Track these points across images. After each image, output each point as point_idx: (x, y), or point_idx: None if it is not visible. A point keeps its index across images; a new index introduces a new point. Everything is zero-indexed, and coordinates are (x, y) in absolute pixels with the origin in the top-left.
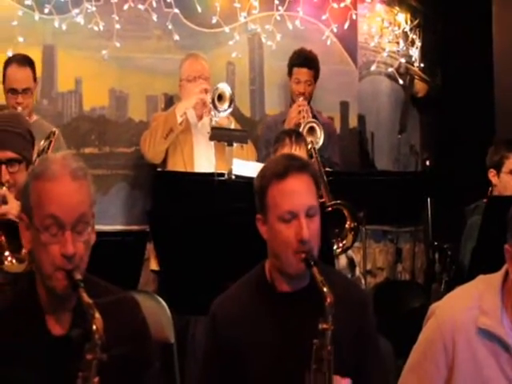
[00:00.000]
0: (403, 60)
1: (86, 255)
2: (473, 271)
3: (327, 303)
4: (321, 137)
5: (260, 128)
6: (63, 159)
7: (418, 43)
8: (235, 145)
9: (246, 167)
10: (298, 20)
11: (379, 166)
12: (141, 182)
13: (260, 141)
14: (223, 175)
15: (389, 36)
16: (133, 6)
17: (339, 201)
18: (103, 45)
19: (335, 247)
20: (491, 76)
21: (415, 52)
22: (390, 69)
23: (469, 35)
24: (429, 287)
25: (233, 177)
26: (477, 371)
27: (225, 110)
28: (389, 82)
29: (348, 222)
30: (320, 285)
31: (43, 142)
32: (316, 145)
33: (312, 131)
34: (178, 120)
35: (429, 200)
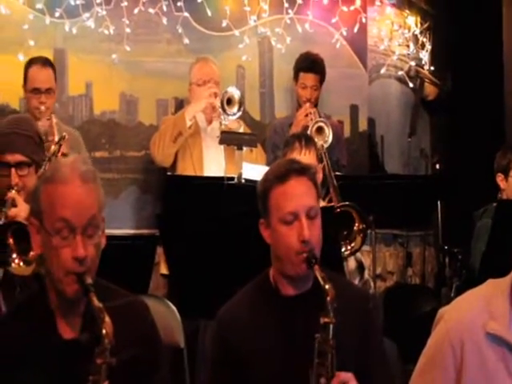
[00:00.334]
0: (413, 63)
1: (97, 259)
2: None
3: (329, 299)
4: (329, 135)
5: (267, 131)
6: (73, 163)
7: (428, 46)
8: (245, 148)
9: (256, 171)
10: (308, 23)
11: (389, 170)
12: (151, 186)
13: (267, 144)
14: (233, 179)
15: (399, 39)
16: (143, 10)
17: (347, 202)
18: (113, 48)
19: (344, 249)
20: (501, 79)
21: (425, 55)
22: (400, 72)
23: (479, 38)
24: (439, 291)
25: (242, 180)
26: (485, 376)
27: (234, 114)
28: (399, 85)
29: (357, 224)
30: (321, 281)
31: (54, 146)
32: (325, 144)
33: (320, 131)
34: (188, 124)
35: (439, 204)
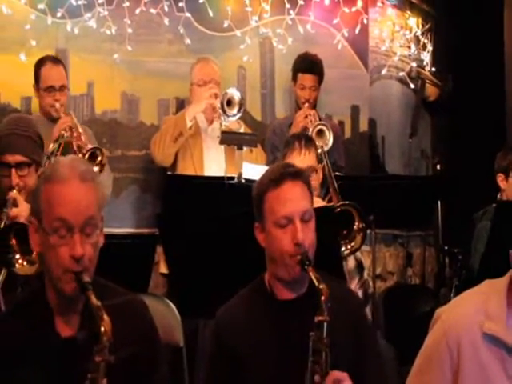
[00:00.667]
0: (414, 64)
1: (95, 257)
2: (482, 276)
3: (323, 298)
4: (330, 138)
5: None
6: (72, 162)
7: (430, 47)
8: (245, 148)
9: (256, 171)
10: (309, 24)
11: (390, 170)
12: (151, 186)
13: (266, 145)
14: (233, 179)
15: (400, 40)
16: (145, 10)
17: (347, 202)
18: (115, 48)
19: (343, 249)
20: (502, 80)
21: (426, 56)
22: (401, 73)
23: (480, 40)
24: (439, 292)
25: (243, 180)
26: (482, 376)
27: (234, 115)
28: (400, 86)
29: (356, 224)
30: (315, 281)
31: (52, 145)
32: (326, 147)
33: (321, 133)
34: (188, 124)
35: (439, 204)
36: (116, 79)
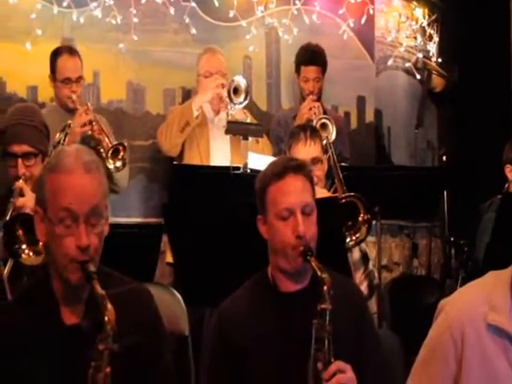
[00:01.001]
0: (420, 55)
1: (100, 247)
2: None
3: (325, 287)
4: (333, 132)
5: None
6: (77, 152)
7: (436, 38)
8: (250, 139)
9: (262, 161)
10: (315, 14)
11: (396, 161)
12: (158, 175)
13: (271, 136)
14: (238, 169)
15: (406, 31)
16: (150, 0)
17: (352, 193)
18: (121, 38)
19: (348, 240)
20: (508, 71)
21: (433, 47)
22: (408, 64)
23: (486, 30)
24: (445, 283)
25: (248, 170)
26: (486, 367)
27: (240, 103)
28: (406, 77)
29: (361, 215)
30: (318, 271)
31: (59, 134)
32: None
33: (324, 127)
34: (195, 114)
35: (445, 195)
36: (122, 69)
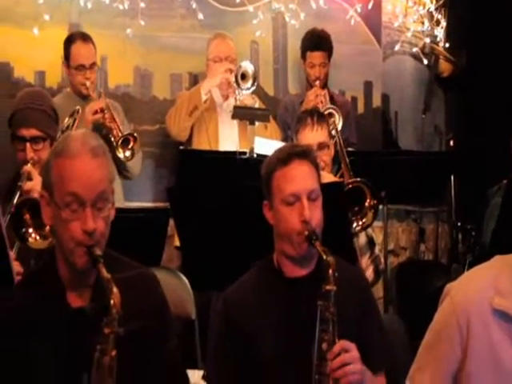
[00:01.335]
0: (428, 40)
1: (106, 231)
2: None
3: (330, 270)
4: (339, 122)
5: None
6: (83, 137)
7: (443, 23)
8: (257, 123)
9: (268, 145)
10: None
11: (403, 146)
12: (166, 160)
13: (278, 122)
14: (245, 153)
15: (413, 16)
16: None
17: (359, 178)
18: (128, 23)
19: (355, 225)
20: None
21: (440, 32)
22: (415, 49)
23: (494, 15)
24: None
25: (254, 155)
26: (491, 352)
27: (248, 89)
28: (413, 62)
29: (368, 200)
30: (323, 254)
31: (67, 120)
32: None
33: (330, 117)
34: (203, 98)
35: (452, 180)
36: (129, 54)
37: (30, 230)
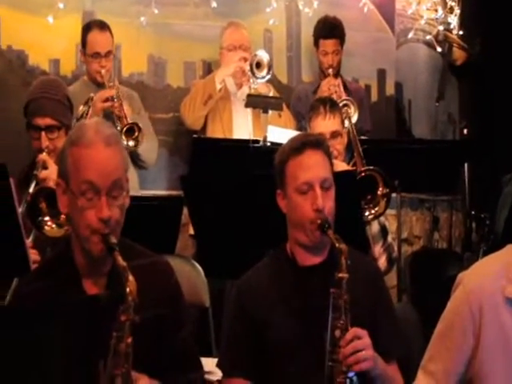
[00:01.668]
0: (441, 27)
1: (121, 219)
2: (505, 240)
3: (343, 258)
4: (354, 115)
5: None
6: (96, 126)
7: (457, 10)
8: (270, 112)
9: (282, 134)
10: None
11: (416, 134)
12: (180, 148)
13: (291, 111)
14: (258, 142)
15: (427, 3)
16: None
17: (371, 167)
18: (142, 11)
19: (367, 213)
20: None
21: (454, 19)
22: (428, 36)
23: (509, 2)
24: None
25: (268, 143)
26: (504, 341)
27: (263, 77)
28: (427, 50)
29: (380, 189)
30: (335, 242)
31: (82, 107)
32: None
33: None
34: (217, 87)
35: (466, 169)
36: (142, 42)
37: (46, 219)
